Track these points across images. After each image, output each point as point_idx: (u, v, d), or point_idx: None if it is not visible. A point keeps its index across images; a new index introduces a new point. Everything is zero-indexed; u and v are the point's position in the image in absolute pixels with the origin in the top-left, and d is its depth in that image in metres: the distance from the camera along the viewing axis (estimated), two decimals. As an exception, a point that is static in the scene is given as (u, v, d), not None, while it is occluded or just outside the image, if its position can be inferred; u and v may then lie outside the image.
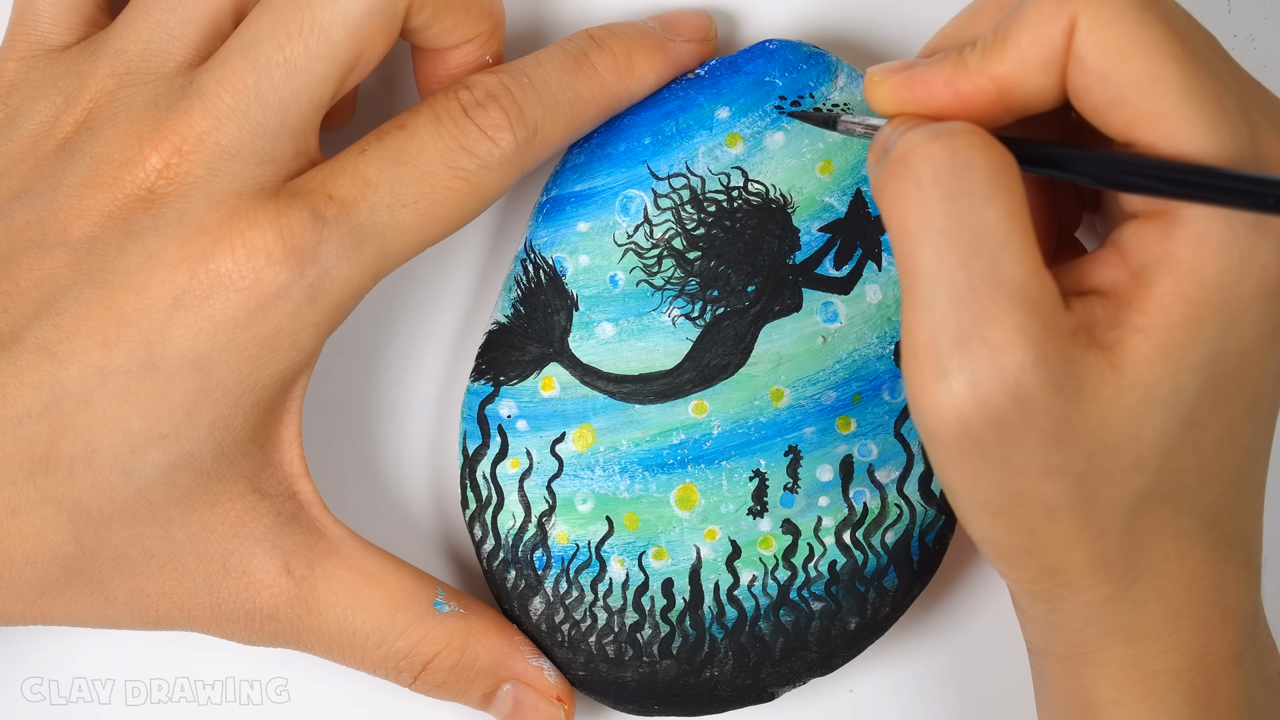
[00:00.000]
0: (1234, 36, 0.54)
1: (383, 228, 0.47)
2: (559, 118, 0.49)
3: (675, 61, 0.51)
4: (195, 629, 0.49)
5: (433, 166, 0.48)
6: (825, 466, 0.51)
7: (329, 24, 0.46)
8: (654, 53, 0.51)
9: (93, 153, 0.47)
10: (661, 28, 0.51)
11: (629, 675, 0.51)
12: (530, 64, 0.50)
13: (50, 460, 0.46)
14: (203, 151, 0.46)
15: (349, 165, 0.47)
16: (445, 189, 0.48)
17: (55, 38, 0.49)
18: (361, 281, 0.47)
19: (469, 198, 0.48)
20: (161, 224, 0.46)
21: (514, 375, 0.52)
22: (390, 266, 0.48)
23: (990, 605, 0.55)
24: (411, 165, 0.47)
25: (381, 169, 0.47)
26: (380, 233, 0.47)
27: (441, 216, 0.48)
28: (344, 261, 0.47)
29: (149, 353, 0.46)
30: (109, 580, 0.48)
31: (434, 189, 0.48)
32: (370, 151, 0.48)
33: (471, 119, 0.48)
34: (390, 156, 0.48)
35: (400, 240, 0.48)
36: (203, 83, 0.47)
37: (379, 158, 0.47)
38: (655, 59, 0.51)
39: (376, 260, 0.47)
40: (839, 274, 0.51)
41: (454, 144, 0.48)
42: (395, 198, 0.47)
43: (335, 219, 0.47)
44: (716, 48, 0.53)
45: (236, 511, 0.48)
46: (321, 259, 0.46)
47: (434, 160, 0.48)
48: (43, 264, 0.47)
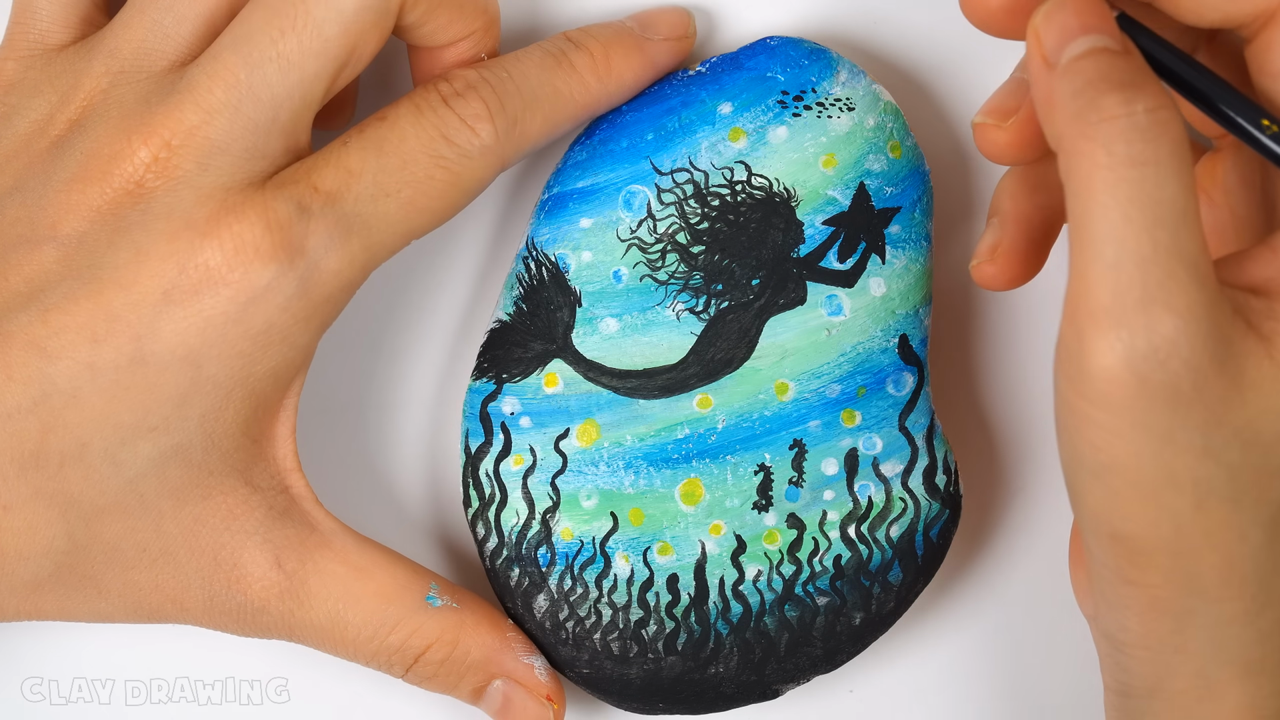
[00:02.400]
0: (1232, 33, 0.55)
1: (368, 218, 0.47)
2: (537, 112, 0.49)
3: (653, 60, 0.51)
4: (188, 621, 0.49)
5: (414, 155, 0.48)
6: (830, 460, 0.51)
7: (322, 19, 0.46)
8: (631, 52, 0.51)
9: (83, 148, 0.47)
10: (639, 26, 0.51)
11: (634, 672, 0.51)
12: (509, 60, 0.50)
13: (40, 456, 0.46)
14: (192, 146, 0.46)
15: (332, 157, 0.47)
16: (427, 178, 0.48)
17: (53, 37, 0.49)
18: (350, 274, 0.47)
19: (451, 187, 0.48)
20: (150, 219, 0.46)
21: (517, 372, 0.52)
22: (378, 259, 0.48)
23: (991, 605, 0.55)
24: (393, 154, 0.48)
25: (364, 159, 0.47)
26: (366, 223, 0.47)
27: (425, 206, 0.48)
28: (332, 253, 0.47)
29: (138, 348, 0.46)
30: (102, 574, 0.48)
31: (416, 178, 0.48)
32: (352, 143, 0.48)
33: (451, 108, 0.48)
34: (372, 147, 0.48)
35: (386, 230, 0.48)
36: (194, 77, 0.47)
37: (361, 148, 0.48)
38: (632, 58, 0.51)
39: (364, 251, 0.47)
40: (843, 267, 0.51)
41: (434, 133, 0.48)
42: (379, 187, 0.47)
43: (321, 210, 0.47)
44: (704, 46, 0.53)
45: (228, 505, 0.48)
46: (309, 251, 0.46)
47: (415, 149, 0.48)
48: (32, 259, 0.47)
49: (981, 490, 0.55)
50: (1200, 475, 0.42)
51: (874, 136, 0.51)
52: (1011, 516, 0.55)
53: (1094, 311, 0.42)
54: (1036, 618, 0.55)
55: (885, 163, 0.51)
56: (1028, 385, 0.55)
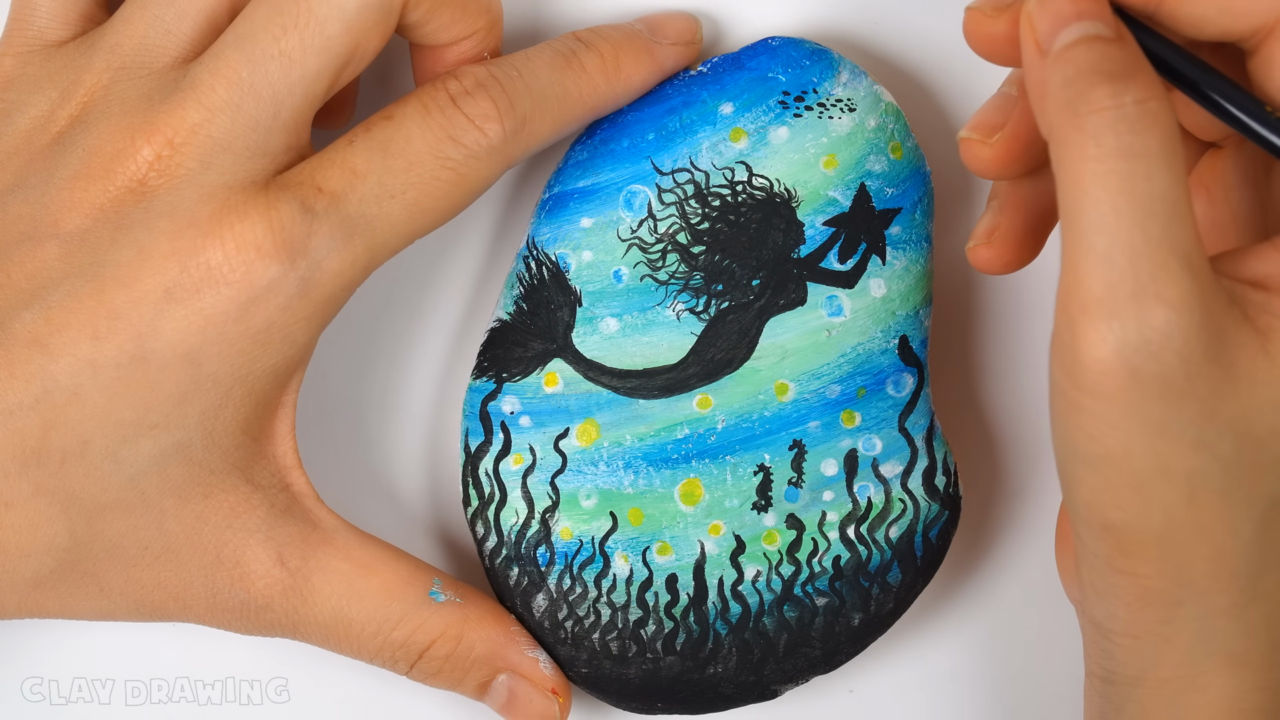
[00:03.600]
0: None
1: (372, 219, 0.47)
2: (547, 112, 0.49)
3: (661, 64, 0.51)
4: (191, 619, 0.49)
5: (420, 157, 0.48)
6: (830, 461, 0.51)
7: (325, 17, 0.46)
8: (640, 55, 0.51)
9: (85, 146, 0.47)
10: (648, 30, 0.51)
11: (632, 672, 0.51)
12: (519, 59, 0.50)
13: (42, 453, 0.46)
14: (195, 144, 0.46)
15: (337, 157, 0.47)
16: (433, 179, 0.48)
17: (52, 33, 0.49)
18: (352, 274, 0.47)
19: (456, 188, 0.48)
20: (153, 217, 0.46)
21: (517, 372, 0.52)
22: (380, 259, 0.48)
23: (990, 606, 0.55)
24: (399, 156, 0.47)
25: (369, 160, 0.47)
26: (370, 224, 0.47)
27: (430, 208, 0.48)
28: (334, 254, 0.47)
29: (139, 345, 0.46)
30: (103, 572, 0.48)
31: (421, 179, 0.48)
32: (358, 143, 0.48)
33: (459, 108, 0.48)
34: (378, 147, 0.48)
35: (389, 232, 0.47)
36: (196, 75, 0.47)
37: (366, 149, 0.47)
38: (641, 61, 0.51)
39: (366, 253, 0.47)
40: (843, 268, 0.51)
41: (441, 134, 0.48)
42: (383, 188, 0.47)
43: (325, 211, 0.47)
44: (706, 47, 0.53)
45: (230, 503, 0.48)
46: (312, 251, 0.46)
47: (421, 150, 0.48)
48: (34, 257, 0.47)
49: (981, 491, 0.55)
50: (1193, 467, 0.42)
51: (875, 137, 0.51)
52: (1011, 517, 0.55)
53: (1086, 303, 0.42)
54: (1035, 618, 0.55)
55: (886, 164, 0.51)
56: (1027, 386, 0.55)
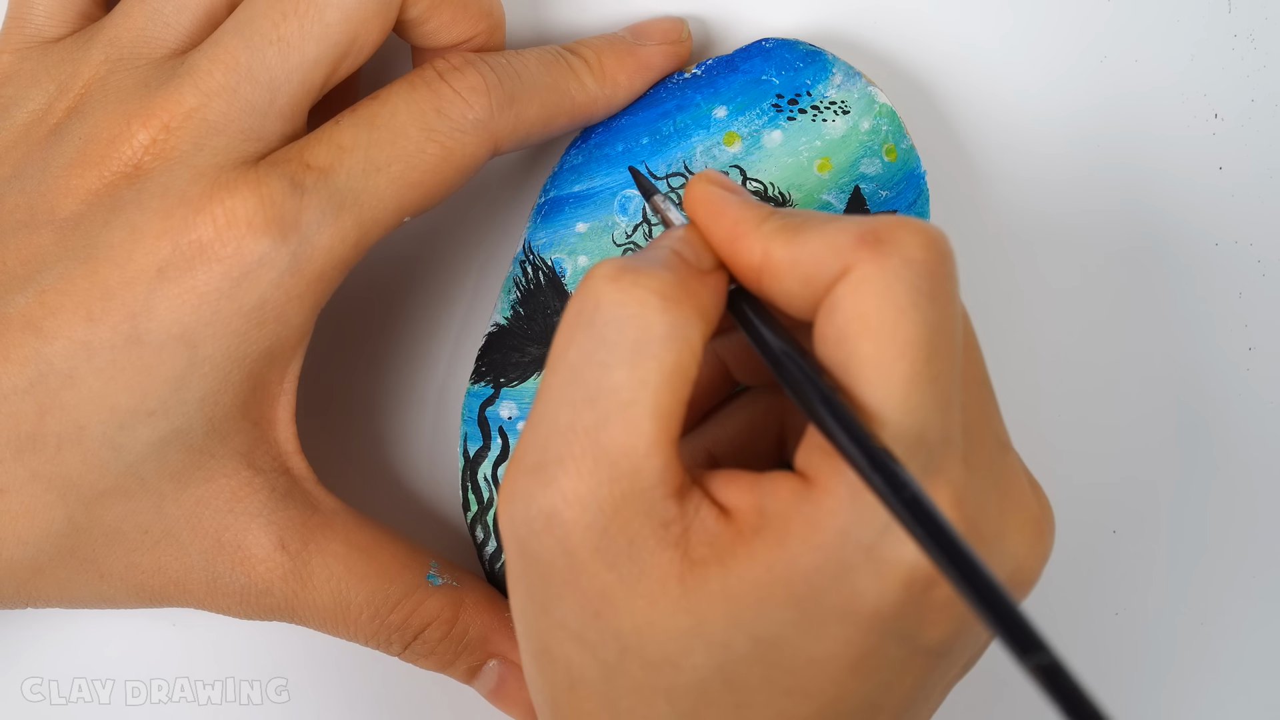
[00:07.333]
0: (1234, 36, 0.54)
1: (359, 193, 0.47)
2: (535, 97, 0.49)
3: (647, 64, 0.51)
4: (191, 604, 0.49)
5: (405, 129, 0.48)
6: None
7: (325, 4, 0.47)
8: (624, 56, 0.51)
9: (82, 134, 0.47)
10: (633, 35, 0.52)
11: (628, 675, 0.51)
12: (508, 52, 0.50)
13: (38, 438, 0.46)
14: (190, 127, 0.47)
15: (324, 135, 0.48)
16: (418, 151, 0.48)
17: (50, 30, 0.50)
18: (343, 251, 0.47)
19: (443, 162, 0.48)
20: (145, 197, 0.46)
21: (514, 377, 0.52)
22: (370, 235, 0.48)
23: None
24: (384, 129, 0.48)
25: (355, 135, 0.48)
26: (358, 199, 0.47)
27: (417, 182, 0.48)
28: (324, 229, 0.47)
29: (133, 326, 0.46)
30: (103, 557, 0.48)
31: (407, 151, 0.48)
32: (344, 121, 0.48)
33: (446, 81, 0.48)
34: (364, 122, 0.48)
35: (378, 206, 0.48)
36: (194, 61, 0.47)
37: (352, 125, 0.48)
38: (626, 61, 0.51)
39: (356, 228, 0.47)
40: (836, 270, 0.51)
41: (427, 106, 0.48)
42: (370, 162, 0.47)
43: (314, 186, 0.47)
44: (700, 49, 0.53)
45: (231, 487, 0.48)
46: (302, 226, 0.47)
47: (406, 123, 0.48)
48: (30, 243, 0.47)
49: (981, 494, 0.55)
50: (571, 658, 0.43)
51: (869, 139, 0.51)
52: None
53: (511, 457, 0.43)
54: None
55: (880, 166, 0.51)
56: (1026, 387, 0.55)
